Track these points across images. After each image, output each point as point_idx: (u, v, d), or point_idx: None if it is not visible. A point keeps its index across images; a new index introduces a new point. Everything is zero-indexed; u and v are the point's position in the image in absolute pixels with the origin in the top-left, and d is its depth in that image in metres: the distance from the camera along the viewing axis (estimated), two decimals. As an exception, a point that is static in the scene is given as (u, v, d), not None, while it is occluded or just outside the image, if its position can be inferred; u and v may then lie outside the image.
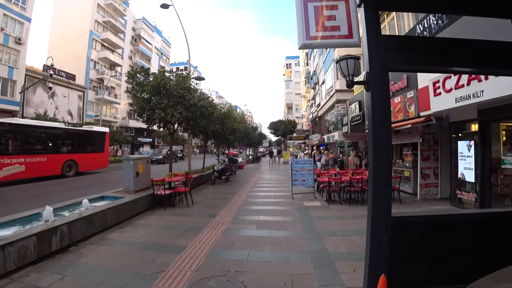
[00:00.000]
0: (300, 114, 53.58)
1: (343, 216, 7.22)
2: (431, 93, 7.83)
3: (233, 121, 15.89)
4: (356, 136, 17.87)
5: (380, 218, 3.03)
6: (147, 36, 47.59)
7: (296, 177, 9.71)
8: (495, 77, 5.70)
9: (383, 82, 2.93)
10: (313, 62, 30.67)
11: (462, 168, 8.02)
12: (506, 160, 6.81)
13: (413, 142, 10.46)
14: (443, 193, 9.61)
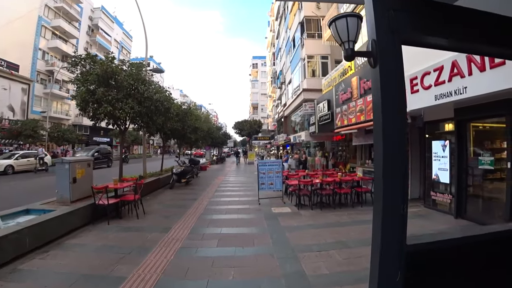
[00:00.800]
0: (266, 114, 53.09)
1: (317, 224, 6.35)
2: (407, 91, 7.29)
3: (194, 119, 14.58)
4: (323, 136, 17.42)
5: (392, 248, 2.03)
6: (106, 27, 43.89)
7: (263, 180, 8.76)
8: (480, 72, 5.17)
9: (396, 55, 1.98)
10: (280, 61, 30.13)
11: (436, 168, 7.67)
12: (483, 160, 6.47)
13: None
14: (413, 193, 9.30)
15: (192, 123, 14.00)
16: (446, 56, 6.13)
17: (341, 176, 8.93)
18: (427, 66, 6.64)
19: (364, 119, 9.65)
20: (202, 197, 9.58)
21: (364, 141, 11.11)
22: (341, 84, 11.63)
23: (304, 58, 18.90)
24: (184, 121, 13.09)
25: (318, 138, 17.90)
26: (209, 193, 10.44)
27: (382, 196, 1.89)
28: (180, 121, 12.62)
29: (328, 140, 18.27)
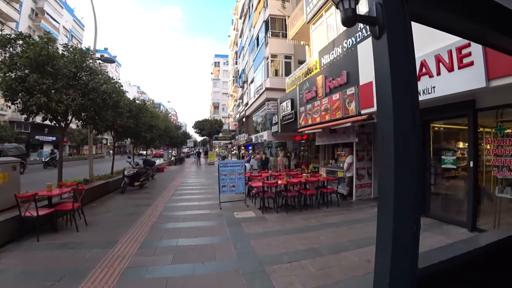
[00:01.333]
0: (227, 113, 52.23)
1: (285, 230, 5.85)
2: (374, 89, 7.10)
3: (150, 117, 13.41)
4: (285, 136, 17.17)
5: (403, 276, 1.47)
6: (53, 12, 39.31)
7: (224, 183, 8.08)
8: (448, 72, 5.13)
9: (406, 26, 1.45)
10: (243, 60, 29.56)
11: None
12: (446, 159, 6.55)
13: (347, 142, 9.93)
14: (375, 193, 9.43)
15: (147, 120, 12.82)
16: (416, 55, 6.01)
17: (306, 177, 8.58)
18: None
19: (329, 119, 9.42)
20: (157, 202, 8.64)
21: (328, 141, 10.91)
22: (305, 83, 11.35)
23: (267, 56, 18.52)
24: (138, 118, 11.89)
25: (281, 138, 17.64)
26: (166, 197, 9.50)
27: (393, 212, 1.32)
28: (134, 118, 11.40)
29: (291, 140, 18.09)
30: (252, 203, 8.40)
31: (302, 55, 18.28)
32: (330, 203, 8.28)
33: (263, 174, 10.45)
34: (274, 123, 16.13)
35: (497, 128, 5.60)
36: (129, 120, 10.88)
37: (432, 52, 5.55)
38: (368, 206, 8.27)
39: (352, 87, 8.26)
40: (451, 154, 6.58)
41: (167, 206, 8.16)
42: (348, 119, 8.33)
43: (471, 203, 5.77)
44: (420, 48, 6.09)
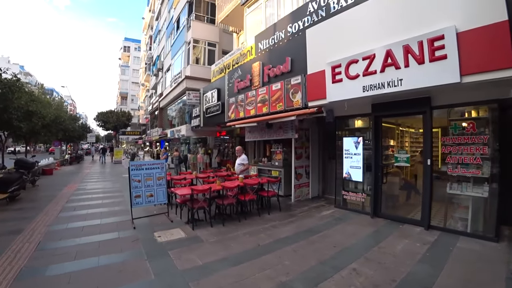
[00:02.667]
0: (137, 105, 46.49)
1: (233, 256, 4.21)
2: (328, 80, 6.28)
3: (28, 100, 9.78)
4: (207, 131, 15.38)
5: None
6: None
7: (138, 192, 5.81)
8: (418, 65, 4.66)
9: None
10: (159, 45, 26.08)
11: (348, 166, 7.03)
12: (399, 157, 6.13)
13: (283, 139, 8.88)
14: (313, 192, 8.85)
15: (22, 104, 9.22)
16: (379, 44, 5.26)
17: (242, 179, 7.07)
18: (354, 54, 5.72)
19: (268, 111, 8.12)
20: (33, 225, 5.75)
21: (260, 137, 9.63)
22: (237, 70, 9.80)
23: (189, 41, 16.25)
24: (7, 101, 8.34)
25: (201, 133, 15.74)
26: (50, 215, 6.56)
27: None
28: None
29: (212, 135, 16.37)
30: (176, 215, 6.44)
31: (228, 45, 16.69)
32: (269, 207, 7.07)
33: (187, 176, 8.50)
34: (195, 116, 14.12)
35: (452, 127, 5.33)
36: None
37: (400, 42, 4.87)
38: (311, 208, 7.38)
39: (298, 76, 7.12)
40: (404, 152, 6.16)
41: (50, 231, 5.42)
42: (292, 112, 7.15)
43: (427, 202, 5.42)
44: (385, 36, 5.23)
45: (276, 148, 9.35)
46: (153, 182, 5.93)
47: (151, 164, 5.96)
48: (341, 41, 6.04)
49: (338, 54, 5.99)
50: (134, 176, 5.73)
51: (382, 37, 5.23)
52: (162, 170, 6.05)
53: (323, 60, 6.35)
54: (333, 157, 9.12)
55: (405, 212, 6.23)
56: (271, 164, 9.39)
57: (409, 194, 6.66)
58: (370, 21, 5.47)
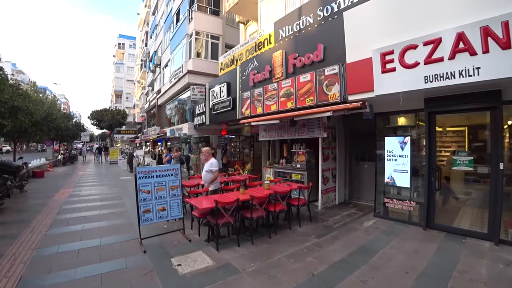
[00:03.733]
0: (132, 103, 44.62)
1: None
2: (376, 69, 5.14)
3: (14, 94, 8.38)
4: (210, 129, 14.13)
5: None
6: None
7: (147, 206, 4.56)
8: (502, 50, 3.66)
9: None
10: (156, 40, 24.59)
11: (391, 170, 5.93)
12: (459, 160, 5.11)
13: (304, 138, 7.78)
14: (339, 197, 7.82)
15: (6, 99, 7.83)
16: (446, 26, 4.15)
17: (268, 186, 5.91)
18: (411, 38, 4.59)
19: (294, 106, 6.94)
20: (15, 249, 4.46)
21: (278, 135, 8.47)
22: (252, 61, 8.59)
23: (191, 34, 14.95)
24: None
25: (205, 131, 14.48)
26: (36, 232, 5.26)
27: None
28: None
29: (216, 134, 15.10)
30: (192, 230, 5.25)
31: (232, 38, 15.48)
32: (295, 219, 5.97)
33: (199, 180, 7.28)
34: (199, 113, 12.86)
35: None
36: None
37: (476, 23, 3.85)
38: (345, 218, 6.36)
39: (335, 66, 5.96)
40: (466, 154, 5.11)
41: (36, 258, 4.15)
42: (327, 108, 5.99)
43: (497, 212, 4.49)
44: (455, 16, 4.16)
45: (297, 148, 8.21)
46: (165, 193, 4.70)
47: (163, 171, 4.71)
48: (393, 23, 4.96)
49: (389, 39, 4.90)
50: (143, 186, 4.48)
51: (450, 17, 4.17)
52: (176, 178, 4.82)
53: (368, 47, 5.23)
54: (362, 159, 8.08)
55: (464, 222, 5.22)
56: (291, 166, 8.25)
57: (466, 202, 5.62)
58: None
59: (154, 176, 4.56)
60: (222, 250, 4.37)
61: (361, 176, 8.06)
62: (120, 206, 7.34)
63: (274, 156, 9.65)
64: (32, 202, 7.85)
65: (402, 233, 5.14)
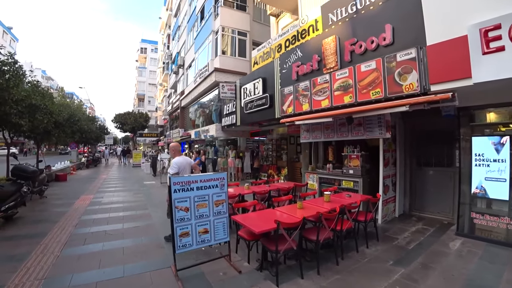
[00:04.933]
0: (154, 107, 44.43)
1: None
2: (474, 50, 3.70)
3: (30, 91, 7.62)
4: (238, 131, 13.07)
5: None
6: None
7: (185, 228, 3.37)
8: None
9: None
10: (178, 42, 23.95)
11: (481, 178, 4.65)
12: None
13: (355, 139, 6.56)
14: (399, 209, 6.53)
15: (23, 96, 7.04)
16: None
17: (328, 198, 4.67)
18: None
19: (353, 100, 5.66)
20: (20, 277, 3.44)
21: (326, 136, 7.21)
22: (295, 52, 7.37)
23: (217, 30, 13.98)
24: (2, 91, 6.10)
25: (233, 133, 13.40)
26: (49, 252, 4.25)
27: None
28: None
29: (244, 136, 14.00)
30: (239, 255, 4.06)
31: (260, 35, 14.43)
32: (366, 237, 4.68)
33: (235, 188, 6.13)
34: (228, 113, 11.78)
35: None
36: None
37: None
38: (415, 234, 5.16)
39: (411, 50, 4.66)
40: None
41: (47, 283, 3.17)
42: (401, 101, 4.68)
43: None
44: None
45: (349, 151, 6.91)
46: (208, 210, 3.52)
47: (205, 180, 3.52)
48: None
49: (490, 13, 3.56)
50: (180, 202, 3.31)
51: None
52: (222, 190, 3.64)
53: (459, 22, 3.90)
54: (425, 163, 6.70)
55: None
56: (342, 172, 6.94)
57: None
58: None
59: (194, 188, 3.39)
60: (283, 284, 3.22)
61: (425, 184, 6.68)
62: (146, 218, 6.26)
63: (317, 160, 8.36)
64: (49, 211, 6.94)
65: (508, 260, 3.83)
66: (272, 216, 3.70)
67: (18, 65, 6.71)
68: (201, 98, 17.01)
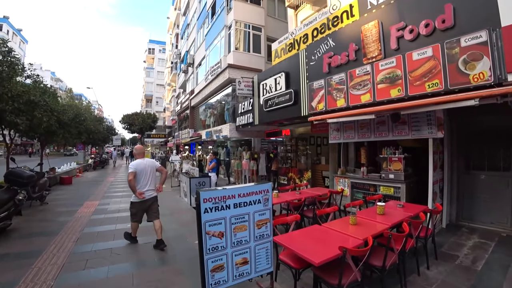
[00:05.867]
0: (162, 107, 43.79)
1: None
2: None
3: (30, 88, 6.87)
4: (253, 131, 12.21)
5: None
6: None
7: (219, 259, 2.45)
8: None
9: None
10: (187, 40, 23.18)
11: None
12: None
13: (393, 140, 5.81)
14: (445, 218, 5.67)
15: (20, 91, 6.20)
16: None
17: (382, 210, 3.78)
18: None
19: (403, 94, 4.73)
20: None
21: (360, 136, 6.35)
22: (326, 41, 6.45)
23: (230, 25, 13.13)
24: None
25: (246, 133, 12.52)
26: (40, 280, 3.42)
27: None
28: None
29: (259, 136, 13.10)
30: (280, 286, 3.17)
31: (275, 31, 13.60)
32: (426, 255, 3.83)
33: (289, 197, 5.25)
34: (244, 111, 10.90)
35: None
36: None
37: None
38: (475, 250, 4.33)
39: (480, 33, 3.74)
40: None
41: None
42: (468, 94, 3.76)
43: None
44: None
45: (388, 153, 5.99)
46: (249, 234, 2.62)
47: (245, 195, 2.59)
48: None
49: None
50: (212, 225, 2.40)
51: None
52: (266, 206, 2.73)
53: None
54: (476, 167, 5.74)
55: None
56: (380, 176, 6.02)
57: None
58: None
59: (231, 205, 2.49)
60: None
61: (474, 190, 5.78)
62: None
63: (346, 162, 7.42)
64: (49, 220, 6.13)
65: None
66: (323, 236, 2.84)
67: (13, 55, 5.89)
68: (213, 96, 16.17)
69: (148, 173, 4.51)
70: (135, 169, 4.36)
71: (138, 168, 4.40)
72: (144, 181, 4.46)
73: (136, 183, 4.39)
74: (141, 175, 4.42)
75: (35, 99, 6.75)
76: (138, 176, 4.39)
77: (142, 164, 4.46)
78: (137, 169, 4.38)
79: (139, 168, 4.41)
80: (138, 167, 4.40)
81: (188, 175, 8.06)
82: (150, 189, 4.52)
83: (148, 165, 4.55)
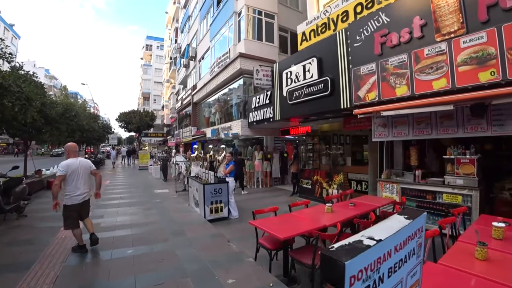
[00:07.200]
0: (160, 105, 42.33)
1: None
2: None
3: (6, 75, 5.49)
4: (268, 129, 11.14)
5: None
6: None
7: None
8: None
9: None
10: (188, 33, 21.86)
11: None
12: None
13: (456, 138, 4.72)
14: None
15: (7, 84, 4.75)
16: None
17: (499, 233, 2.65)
18: None
19: (498, 78, 3.61)
20: None
21: (415, 133, 5.25)
22: (376, 17, 5.30)
23: (240, 11, 11.94)
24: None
25: (259, 131, 11.40)
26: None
27: None
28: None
29: (272, 134, 11.99)
30: None
31: (287, 20, 12.56)
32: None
33: (346, 212, 4.09)
34: (258, 106, 9.77)
35: None
36: None
37: None
38: None
39: None
40: None
41: None
42: None
43: None
44: None
45: (456, 154, 4.89)
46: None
47: (401, 244, 1.09)
48: None
49: None
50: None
51: None
52: (419, 257, 1.39)
53: None
54: None
55: None
56: (443, 182, 4.91)
57: None
58: None
59: (385, 274, 1.11)
60: None
61: None
62: (170, 261, 3.90)
63: (390, 165, 6.28)
64: (21, 245, 4.52)
65: None
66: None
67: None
68: (219, 91, 14.98)
69: (81, 174, 4.10)
70: (65, 172, 3.92)
71: (70, 169, 3.98)
72: (76, 183, 4.05)
73: (66, 185, 3.98)
74: (73, 175, 4.01)
75: (3, 82, 5.30)
76: (69, 177, 3.97)
77: (74, 165, 4.06)
78: (68, 171, 3.95)
79: (71, 169, 3.99)
80: (69, 168, 3.97)
81: (200, 180, 6.84)
82: (85, 191, 4.17)
83: (81, 165, 4.15)
